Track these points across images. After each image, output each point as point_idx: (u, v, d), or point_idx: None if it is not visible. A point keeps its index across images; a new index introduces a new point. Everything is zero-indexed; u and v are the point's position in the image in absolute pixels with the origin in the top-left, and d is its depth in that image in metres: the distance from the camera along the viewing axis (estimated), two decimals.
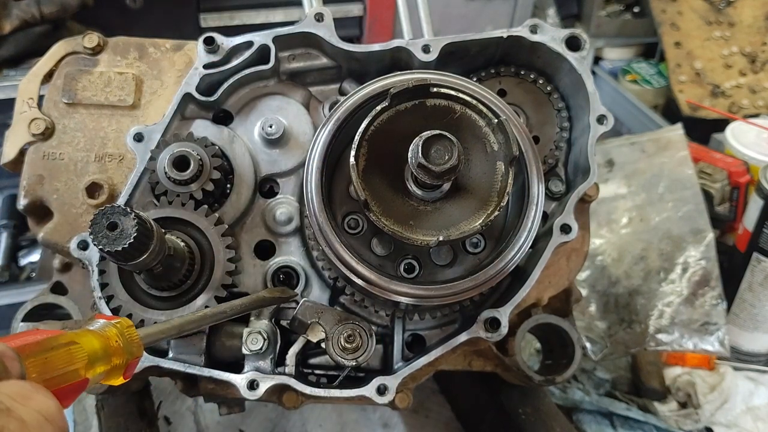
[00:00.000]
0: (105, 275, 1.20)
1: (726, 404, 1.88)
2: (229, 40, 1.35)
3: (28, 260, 2.59)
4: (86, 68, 1.47)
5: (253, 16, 3.02)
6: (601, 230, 2.22)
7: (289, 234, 1.36)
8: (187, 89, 1.32)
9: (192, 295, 1.22)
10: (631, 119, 2.97)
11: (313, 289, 1.34)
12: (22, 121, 1.45)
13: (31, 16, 2.24)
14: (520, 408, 1.70)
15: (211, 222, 1.24)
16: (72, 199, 1.43)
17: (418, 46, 1.29)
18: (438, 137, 1.03)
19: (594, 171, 1.28)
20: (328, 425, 1.92)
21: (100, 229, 0.96)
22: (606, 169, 2.34)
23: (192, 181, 1.25)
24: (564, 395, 1.94)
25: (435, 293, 1.15)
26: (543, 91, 1.40)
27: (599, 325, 2.07)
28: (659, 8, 3.16)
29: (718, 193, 2.26)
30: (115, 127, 1.46)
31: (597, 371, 2.03)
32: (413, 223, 1.12)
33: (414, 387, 1.35)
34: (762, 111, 2.92)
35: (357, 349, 1.19)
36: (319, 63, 1.41)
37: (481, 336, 1.22)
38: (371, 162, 1.11)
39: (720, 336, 1.97)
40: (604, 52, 3.56)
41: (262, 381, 1.22)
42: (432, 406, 1.99)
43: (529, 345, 1.96)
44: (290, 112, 1.39)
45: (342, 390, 1.25)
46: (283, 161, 1.37)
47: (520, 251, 1.16)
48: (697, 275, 2.05)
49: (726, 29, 3.10)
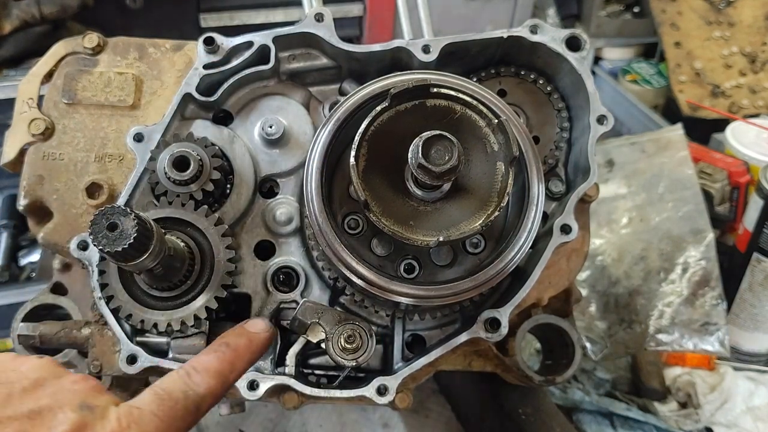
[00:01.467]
0: (105, 275, 1.19)
1: (726, 404, 1.88)
2: (229, 40, 1.35)
3: (28, 260, 2.58)
4: (86, 68, 1.47)
5: (253, 16, 3.02)
6: (601, 230, 2.22)
7: (289, 234, 1.36)
8: (187, 89, 1.32)
9: (192, 296, 1.22)
10: (631, 119, 2.97)
11: (313, 290, 1.34)
12: (22, 122, 1.44)
13: (31, 16, 2.24)
14: (520, 408, 1.70)
15: (211, 222, 1.24)
16: (72, 200, 1.43)
17: (418, 46, 1.29)
18: (438, 137, 1.02)
19: (594, 171, 1.28)
20: (328, 425, 1.92)
21: (100, 230, 0.96)
22: (606, 169, 2.34)
23: (192, 182, 1.25)
24: (564, 395, 1.94)
25: (435, 293, 1.15)
26: (543, 92, 1.40)
27: (599, 325, 2.07)
28: (659, 8, 3.16)
29: (718, 193, 2.26)
30: (115, 128, 1.46)
31: (597, 371, 2.03)
32: (413, 223, 1.12)
33: (414, 387, 1.35)
34: (762, 111, 2.92)
35: (357, 350, 1.19)
36: (319, 63, 1.41)
37: (481, 336, 1.22)
38: (371, 162, 1.11)
39: (720, 336, 1.97)
40: (604, 52, 3.55)
41: (262, 381, 1.22)
42: (432, 406, 1.99)
43: (529, 345, 1.96)
44: (290, 112, 1.39)
45: (342, 390, 1.25)
46: (283, 161, 1.37)
47: (520, 251, 1.16)
48: (697, 275, 2.05)
49: (726, 29, 3.10)
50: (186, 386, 1.00)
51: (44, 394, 0.88)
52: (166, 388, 0.98)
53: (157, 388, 0.98)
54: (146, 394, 0.96)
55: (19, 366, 0.91)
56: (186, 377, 1.02)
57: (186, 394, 0.99)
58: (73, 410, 0.87)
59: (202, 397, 1.01)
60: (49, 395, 0.88)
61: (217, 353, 1.08)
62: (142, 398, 0.96)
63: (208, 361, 1.06)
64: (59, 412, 0.86)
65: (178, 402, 0.97)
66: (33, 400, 0.86)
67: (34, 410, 0.85)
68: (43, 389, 0.89)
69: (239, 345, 1.12)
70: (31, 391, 0.87)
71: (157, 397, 0.96)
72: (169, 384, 1.00)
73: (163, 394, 0.97)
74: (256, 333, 1.16)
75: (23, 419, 0.83)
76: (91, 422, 0.87)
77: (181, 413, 0.97)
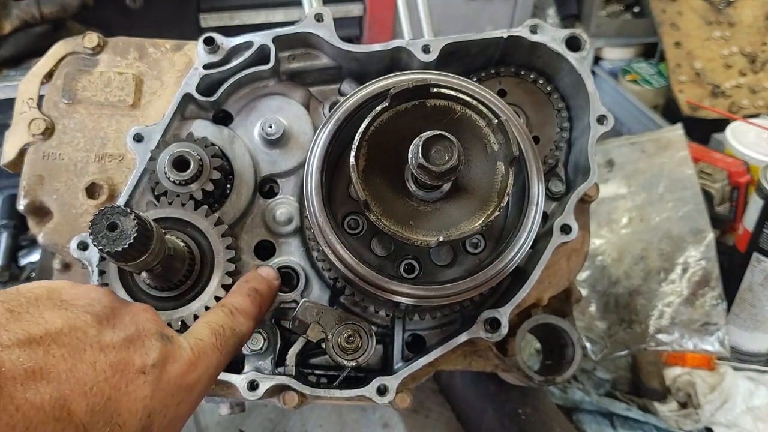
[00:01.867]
0: (105, 275, 1.19)
1: (726, 404, 1.88)
2: (229, 40, 1.35)
3: (28, 260, 2.58)
4: (86, 68, 1.47)
5: (253, 16, 3.02)
6: (601, 230, 2.22)
7: (289, 234, 1.36)
8: (187, 89, 1.32)
9: (192, 296, 1.22)
10: (631, 119, 2.97)
11: (313, 290, 1.34)
12: (22, 122, 1.45)
13: (31, 16, 2.24)
14: (520, 408, 1.70)
15: (211, 222, 1.24)
16: (72, 200, 1.43)
17: (418, 46, 1.29)
18: (438, 137, 1.02)
19: (594, 171, 1.28)
20: (328, 425, 1.92)
21: (100, 230, 0.96)
22: (606, 169, 2.34)
23: (192, 182, 1.25)
24: (564, 395, 1.94)
25: (435, 293, 1.15)
26: (543, 91, 1.40)
27: (599, 325, 2.07)
28: (659, 8, 3.16)
29: (718, 193, 2.26)
30: (115, 127, 1.46)
31: (597, 371, 2.03)
32: (413, 223, 1.12)
33: (414, 387, 1.35)
34: (762, 111, 2.92)
35: (357, 350, 1.19)
36: (319, 63, 1.41)
37: (481, 336, 1.22)
38: (371, 162, 1.11)
39: (720, 336, 1.97)
40: (604, 52, 3.55)
41: (262, 381, 1.22)
42: (432, 406, 1.99)
43: (529, 345, 1.96)
44: (290, 112, 1.39)
45: (342, 390, 1.25)
46: (283, 161, 1.37)
47: (520, 251, 1.16)
48: (697, 275, 2.05)
49: (726, 29, 3.10)
50: (233, 324, 1.05)
51: (128, 321, 0.89)
52: (222, 325, 1.03)
53: (212, 324, 1.02)
54: (203, 329, 1.00)
55: (89, 293, 0.90)
56: (231, 316, 1.06)
57: (233, 331, 1.04)
58: (156, 339, 0.89)
59: (243, 337, 1.07)
60: (132, 323, 0.89)
61: (251, 296, 1.14)
62: (200, 331, 0.99)
63: (245, 304, 1.11)
64: (146, 339, 0.88)
65: (229, 338, 1.02)
66: (121, 328, 0.87)
67: (127, 338, 0.86)
68: (123, 317, 0.89)
69: (264, 290, 1.18)
70: (115, 318, 0.88)
71: (214, 332, 1.00)
72: (220, 320, 1.04)
73: (218, 329, 1.01)
74: (272, 280, 1.23)
75: (120, 347, 0.84)
76: (171, 351, 0.90)
77: (231, 349, 1.02)
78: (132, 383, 0.82)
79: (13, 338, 0.75)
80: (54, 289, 0.87)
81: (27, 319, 0.79)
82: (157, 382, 0.85)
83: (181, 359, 0.90)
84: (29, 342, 0.76)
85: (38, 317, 0.80)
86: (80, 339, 0.80)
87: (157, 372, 0.86)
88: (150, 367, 0.85)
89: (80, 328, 0.82)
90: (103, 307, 0.88)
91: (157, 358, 0.86)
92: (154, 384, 0.84)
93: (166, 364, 0.88)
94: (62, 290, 0.87)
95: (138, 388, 0.82)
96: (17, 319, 0.78)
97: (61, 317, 0.81)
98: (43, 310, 0.81)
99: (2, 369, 0.71)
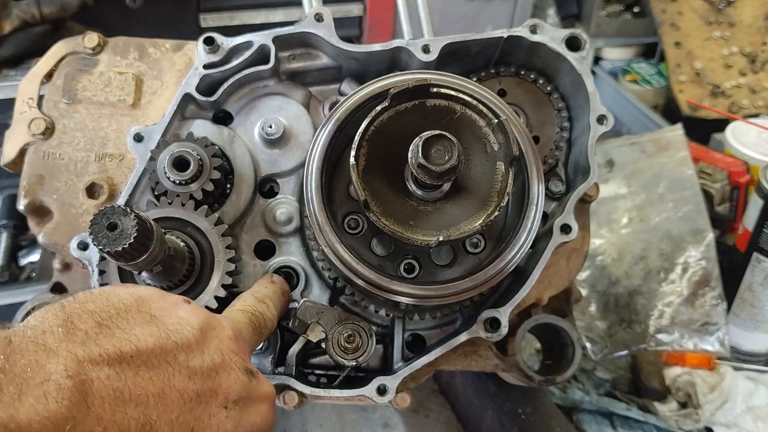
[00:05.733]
0: (105, 275, 1.19)
1: (726, 404, 1.88)
2: (229, 40, 1.35)
3: (28, 260, 2.58)
4: (86, 68, 1.47)
5: (253, 16, 3.02)
6: (601, 230, 2.22)
7: (289, 234, 1.36)
8: (187, 89, 1.32)
9: (192, 296, 1.22)
10: (631, 119, 2.97)
11: (313, 289, 1.34)
12: (22, 121, 1.45)
13: (31, 16, 2.24)
14: (520, 408, 1.70)
15: (211, 222, 1.24)
16: (72, 199, 1.43)
17: (418, 46, 1.29)
18: (438, 137, 1.02)
19: (594, 171, 1.28)
20: (328, 425, 1.92)
21: (100, 230, 0.96)
22: (606, 169, 2.34)
23: (192, 182, 1.25)
24: (564, 395, 1.94)
25: (435, 293, 1.15)
26: (543, 91, 1.40)
27: (599, 325, 2.07)
28: (659, 8, 3.16)
29: (718, 193, 2.26)
30: (115, 127, 1.46)
31: (597, 371, 2.03)
32: (413, 223, 1.12)
33: (414, 387, 1.35)
34: (762, 111, 2.92)
35: (357, 349, 1.19)
36: (319, 63, 1.41)
37: (481, 336, 1.22)
38: (371, 162, 1.11)
39: (720, 336, 1.97)
40: (604, 52, 3.55)
41: None
42: (432, 406, 1.99)
43: (529, 345, 1.96)
44: (290, 112, 1.39)
45: (342, 390, 1.25)
46: (283, 161, 1.37)
47: (520, 251, 1.16)
48: (697, 275, 2.05)
49: (726, 29, 3.10)
50: (266, 312, 1.09)
51: (214, 349, 0.86)
52: (263, 314, 1.07)
53: (252, 315, 1.05)
54: (246, 327, 1.01)
55: (176, 309, 0.86)
56: (263, 305, 1.10)
57: (267, 322, 1.09)
58: (242, 373, 0.87)
59: (272, 328, 1.10)
60: (217, 351, 0.86)
61: (275, 285, 1.19)
62: (240, 322, 1.01)
63: (274, 295, 1.15)
64: (231, 371, 0.86)
65: (263, 333, 1.08)
66: (208, 354, 0.84)
67: (213, 367, 0.83)
68: (210, 342, 0.86)
69: (285, 289, 1.23)
70: (204, 343, 0.85)
71: (257, 332, 1.04)
72: (259, 309, 1.08)
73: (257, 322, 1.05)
74: (284, 284, 1.26)
75: (207, 377, 0.81)
76: (254, 387, 0.89)
77: (263, 337, 1.07)
78: (214, 417, 0.80)
79: (104, 354, 0.72)
80: (143, 300, 0.84)
81: (118, 335, 0.76)
82: (239, 418, 0.83)
83: (267, 400, 0.90)
84: (119, 360, 0.73)
85: (129, 333, 0.77)
86: (170, 363, 0.78)
87: (238, 409, 0.84)
88: (232, 403, 0.83)
89: (171, 351, 0.79)
90: (192, 328, 0.85)
91: (240, 394, 0.84)
92: (236, 420, 0.83)
93: (248, 401, 0.86)
94: (151, 302, 0.84)
95: (220, 423, 0.81)
96: (107, 334, 0.75)
97: (152, 335, 0.79)
98: (134, 325, 0.79)
99: (92, 387, 0.69)
